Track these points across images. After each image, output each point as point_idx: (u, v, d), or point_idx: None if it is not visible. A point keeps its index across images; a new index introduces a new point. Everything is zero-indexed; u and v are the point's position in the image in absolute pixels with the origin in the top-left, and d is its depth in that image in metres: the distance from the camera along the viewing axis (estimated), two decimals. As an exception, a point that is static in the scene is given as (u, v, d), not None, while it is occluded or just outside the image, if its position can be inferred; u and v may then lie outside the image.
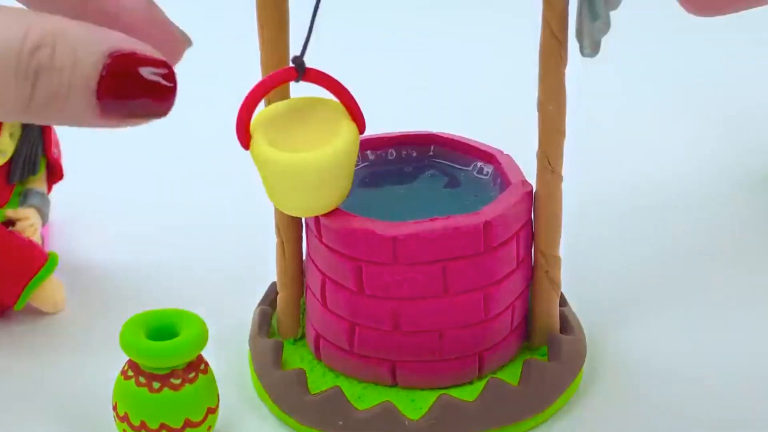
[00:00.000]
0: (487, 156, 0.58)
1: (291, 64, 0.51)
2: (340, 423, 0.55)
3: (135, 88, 0.40)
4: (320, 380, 0.57)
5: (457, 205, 0.57)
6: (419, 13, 0.97)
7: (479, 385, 0.56)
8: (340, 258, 0.54)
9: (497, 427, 0.56)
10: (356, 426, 0.55)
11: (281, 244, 0.58)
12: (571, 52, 0.53)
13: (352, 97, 0.52)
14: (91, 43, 0.39)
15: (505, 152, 0.58)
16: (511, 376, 0.57)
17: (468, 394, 0.56)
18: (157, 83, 0.40)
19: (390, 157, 0.59)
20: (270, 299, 0.61)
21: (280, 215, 0.57)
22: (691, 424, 0.57)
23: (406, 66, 0.89)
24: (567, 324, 0.59)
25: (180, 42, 0.44)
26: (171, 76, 0.41)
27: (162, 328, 0.54)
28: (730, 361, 0.60)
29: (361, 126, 0.52)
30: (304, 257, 0.58)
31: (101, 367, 0.59)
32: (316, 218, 0.55)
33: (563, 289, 0.59)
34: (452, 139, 0.59)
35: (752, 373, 0.59)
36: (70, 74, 0.39)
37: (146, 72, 0.40)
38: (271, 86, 0.49)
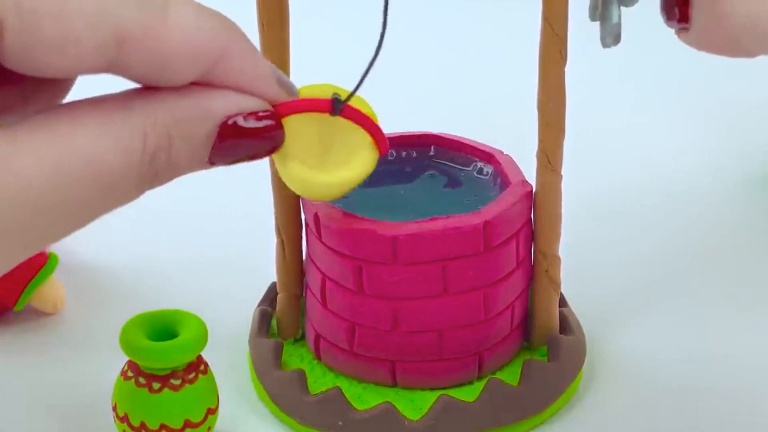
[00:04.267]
0: (487, 156, 0.58)
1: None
2: (340, 423, 0.55)
3: (242, 141, 0.41)
4: (320, 380, 0.57)
5: (457, 205, 0.57)
6: (419, 13, 0.97)
7: (479, 386, 0.56)
8: (340, 258, 0.54)
9: (497, 427, 0.56)
10: (356, 426, 0.55)
11: (281, 245, 0.58)
12: (571, 51, 0.53)
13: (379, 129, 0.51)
14: (202, 120, 0.40)
15: (504, 152, 0.58)
16: (511, 376, 0.57)
17: (468, 394, 0.56)
18: (261, 129, 0.42)
19: (390, 158, 0.59)
20: (270, 299, 0.61)
21: (280, 216, 0.57)
22: (690, 424, 0.57)
23: (405, 66, 0.89)
24: (567, 324, 0.59)
25: (285, 94, 0.44)
26: (276, 122, 0.42)
27: (162, 328, 0.54)
28: (730, 360, 0.60)
29: (383, 147, 0.50)
30: (304, 257, 0.58)
31: (101, 367, 0.59)
32: (316, 218, 0.55)
33: (563, 289, 0.59)
34: (452, 139, 0.59)
35: (752, 373, 0.59)
36: (186, 159, 0.40)
37: (251, 123, 0.41)
38: (303, 111, 0.47)
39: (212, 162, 0.41)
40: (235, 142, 0.41)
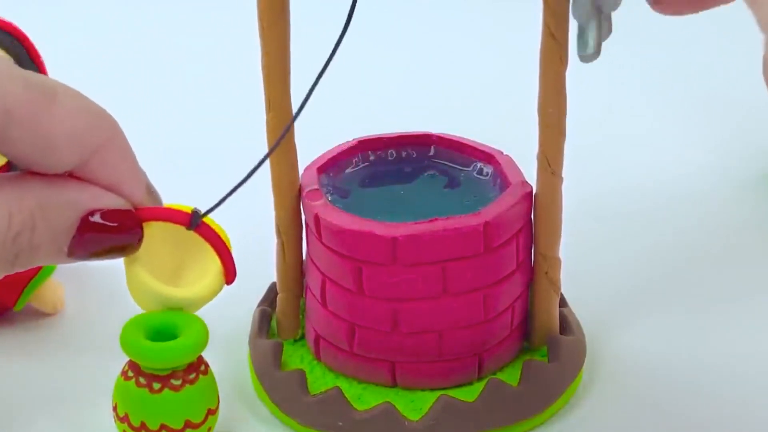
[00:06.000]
0: (487, 156, 0.58)
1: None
2: (340, 424, 0.55)
3: (100, 236, 0.43)
4: (320, 381, 0.57)
5: (456, 205, 0.57)
6: (420, 13, 0.97)
7: (479, 386, 0.56)
8: (340, 259, 0.54)
9: (497, 428, 0.56)
10: (356, 427, 0.55)
11: (281, 245, 0.58)
12: (571, 54, 0.53)
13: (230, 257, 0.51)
14: (66, 210, 0.42)
15: (505, 153, 0.58)
16: (510, 376, 0.57)
17: (468, 394, 0.56)
18: (120, 228, 0.43)
19: (390, 158, 0.59)
20: (270, 300, 0.61)
21: (280, 216, 0.57)
22: (690, 425, 0.57)
23: (406, 66, 0.89)
24: (567, 324, 0.59)
25: (151, 202, 0.46)
26: (135, 222, 0.44)
27: (162, 329, 0.54)
28: (731, 361, 0.60)
29: (230, 277, 0.50)
30: (304, 258, 0.58)
31: (101, 367, 0.59)
32: (316, 219, 0.55)
33: (563, 290, 0.59)
34: (452, 140, 0.59)
35: (752, 373, 0.59)
36: (47, 246, 0.42)
37: (112, 220, 0.43)
38: (163, 219, 0.48)
39: (71, 253, 0.42)
40: (94, 236, 0.42)
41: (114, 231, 0.43)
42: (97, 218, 0.42)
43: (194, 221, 0.46)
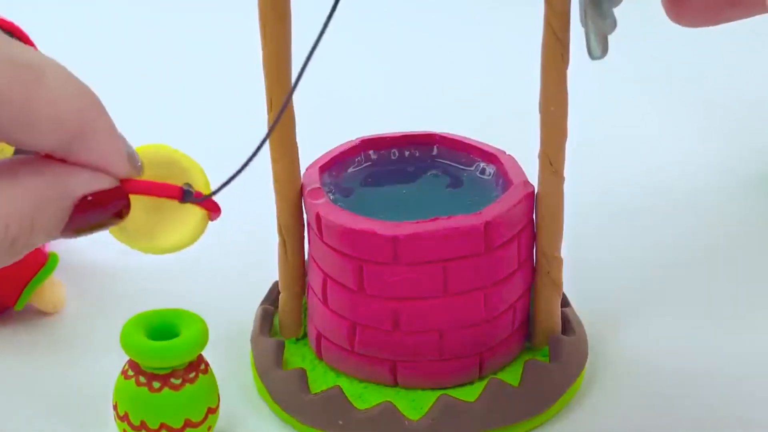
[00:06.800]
0: (490, 156, 0.58)
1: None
2: (340, 422, 0.55)
3: (92, 216, 0.43)
4: (321, 379, 0.57)
5: (459, 205, 0.56)
6: (422, 13, 0.97)
7: (480, 386, 0.56)
8: (342, 257, 0.54)
9: (498, 428, 0.56)
10: (356, 426, 0.55)
11: (283, 244, 0.58)
12: (573, 53, 0.53)
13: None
14: (61, 201, 0.42)
15: (507, 152, 0.58)
16: (512, 376, 0.57)
17: (468, 394, 0.56)
18: (111, 206, 0.43)
19: (393, 157, 0.59)
20: (272, 298, 0.61)
21: (282, 215, 0.57)
22: (692, 425, 0.57)
23: (409, 66, 0.89)
24: (569, 325, 0.59)
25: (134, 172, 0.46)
26: (124, 200, 0.44)
27: (162, 327, 0.54)
28: (731, 361, 0.60)
29: (215, 216, 0.50)
30: (306, 257, 0.58)
31: (101, 367, 0.59)
32: (318, 218, 0.55)
33: (565, 290, 0.59)
34: (455, 139, 0.59)
35: (753, 373, 0.59)
36: (42, 239, 0.42)
37: (103, 200, 0.43)
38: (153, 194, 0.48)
39: (62, 234, 0.42)
40: (84, 216, 0.42)
41: (105, 210, 0.43)
42: (90, 199, 0.42)
43: (186, 197, 0.47)
